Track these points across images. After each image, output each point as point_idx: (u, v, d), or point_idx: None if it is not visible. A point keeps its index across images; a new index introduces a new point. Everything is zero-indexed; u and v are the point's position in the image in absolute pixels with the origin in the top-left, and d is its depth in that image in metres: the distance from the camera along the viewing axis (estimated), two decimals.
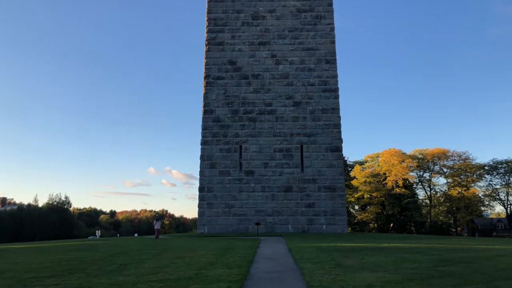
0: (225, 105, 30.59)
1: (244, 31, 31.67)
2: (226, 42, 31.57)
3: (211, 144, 29.97)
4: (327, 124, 30.17)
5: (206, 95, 30.88)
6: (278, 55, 31.34)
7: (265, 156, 29.69)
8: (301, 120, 30.23)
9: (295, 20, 31.96)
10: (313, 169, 29.49)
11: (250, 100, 30.58)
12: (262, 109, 30.41)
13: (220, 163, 29.63)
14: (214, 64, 31.36)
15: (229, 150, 29.84)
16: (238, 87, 30.88)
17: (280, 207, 28.82)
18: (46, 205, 75.18)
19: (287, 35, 31.67)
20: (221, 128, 30.20)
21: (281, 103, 30.52)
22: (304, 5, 32.27)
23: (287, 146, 29.87)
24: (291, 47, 31.50)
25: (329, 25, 32.13)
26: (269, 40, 31.55)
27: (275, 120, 30.20)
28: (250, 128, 30.11)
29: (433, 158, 63.21)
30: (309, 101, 30.61)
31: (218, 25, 31.98)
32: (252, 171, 29.48)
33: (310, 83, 30.88)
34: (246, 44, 31.46)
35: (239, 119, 30.27)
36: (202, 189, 29.33)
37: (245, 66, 31.20)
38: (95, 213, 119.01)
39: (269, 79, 30.94)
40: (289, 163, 29.54)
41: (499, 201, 63.63)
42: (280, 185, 29.21)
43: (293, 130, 30.02)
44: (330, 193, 29.13)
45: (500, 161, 61.88)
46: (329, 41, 31.77)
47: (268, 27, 31.74)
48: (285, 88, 30.79)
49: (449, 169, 62.43)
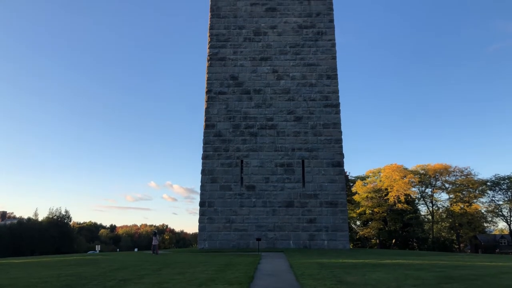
0: (226, 119, 30.67)
1: (246, 46, 31.95)
2: (228, 58, 31.83)
3: (212, 158, 29.95)
4: (328, 139, 30.18)
5: (208, 109, 30.99)
6: (279, 71, 31.54)
7: (266, 171, 29.63)
8: (302, 135, 30.26)
9: (297, 36, 32.26)
10: (314, 184, 29.39)
11: (251, 115, 30.67)
12: (264, 124, 30.47)
13: (221, 177, 29.57)
14: (216, 79, 31.55)
15: (230, 164, 29.80)
16: (240, 102, 31.01)
17: (281, 222, 28.63)
18: (46, 219, 74.90)
19: (288, 51, 31.93)
20: (222, 143, 30.23)
21: (283, 118, 30.59)
22: (306, 22, 32.62)
23: (289, 161, 29.82)
24: (292, 62, 31.72)
25: (330, 41, 32.40)
26: (270, 56, 31.80)
27: (276, 135, 30.22)
28: (251, 142, 30.13)
29: (435, 173, 62.99)
30: (311, 116, 30.66)
31: (220, 40, 32.28)
32: (253, 186, 29.39)
33: (311, 98, 30.99)
34: (248, 60, 31.71)
35: (241, 133, 30.32)
36: (203, 204, 29.21)
37: (247, 81, 31.38)
38: (95, 227, 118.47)
39: (271, 94, 31.08)
40: (290, 178, 29.46)
41: (502, 217, 63.17)
42: (281, 200, 29.08)
43: (295, 145, 30.02)
44: (332, 208, 28.97)
45: (503, 177, 61.63)
46: (330, 56, 31.99)
47: (269, 43, 32.02)
48: (286, 103, 30.89)
49: (451, 185, 62.16)
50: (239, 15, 32.70)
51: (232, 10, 32.88)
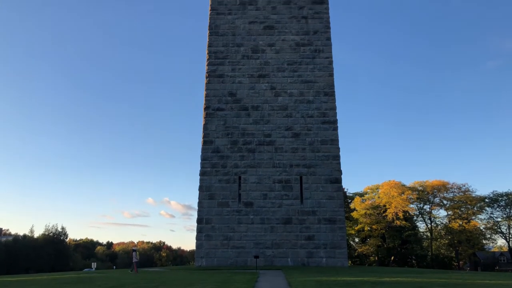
0: (224, 136, 30.72)
1: (244, 64, 32.23)
2: (226, 75, 32.07)
3: (210, 175, 29.88)
4: (326, 155, 30.20)
5: (206, 126, 31.06)
6: (277, 87, 31.74)
7: (264, 187, 29.54)
8: (300, 151, 30.29)
9: (294, 53, 32.58)
10: (312, 201, 29.28)
11: (249, 131, 30.74)
12: (262, 140, 30.52)
13: (219, 194, 29.45)
14: (214, 95, 31.71)
15: (228, 181, 29.73)
16: (238, 118, 31.12)
17: (279, 239, 28.41)
18: (42, 236, 74.07)
19: (286, 68, 32.20)
20: (220, 159, 30.20)
21: (280, 134, 30.66)
22: (303, 40, 33.00)
23: (287, 178, 29.77)
24: (290, 79, 31.95)
25: (327, 58, 32.73)
26: (268, 73, 32.04)
27: (274, 151, 30.25)
28: (249, 159, 30.11)
29: (433, 190, 62.87)
30: (308, 132, 30.75)
31: (218, 58, 32.58)
32: (251, 202, 29.25)
33: (309, 115, 31.13)
34: (246, 77, 31.94)
35: (239, 150, 30.33)
36: (201, 221, 29.00)
37: (245, 98, 31.55)
38: (91, 244, 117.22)
39: (269, 111, 31.22)
40: (288, 194, 29.36)
41: (501, 234, 62.83)
42: (279, 217, 28.92)
43: (293, 161, 30.02)
44: (330, 225, 28.80)
45: (500, 194, 61.56)
46: (327, 74, 32.28)
47: (267, 60, 32.32)
48: (284, 120, 31.01)
49: (449, 201, 61.99)
50: (238, 33, 33.09)
51: (231, 28, 33.28)
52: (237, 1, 33.80)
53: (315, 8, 33.75)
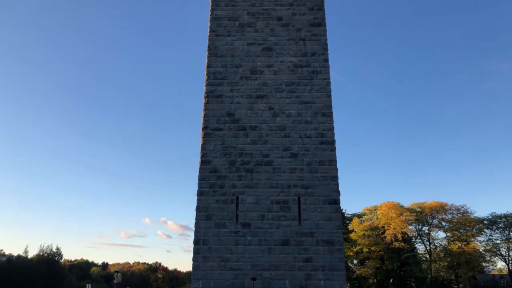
0: (222, 156, 30.70)
1: (242, 84, 32.48)
2: (225, 95, 32.28)
3: (208, 195, 29.72)
4: (324, 176, 30.15)
5: (204, 146, 31.07)
6: (275, 108, 31.91)
7: (262, 208, 29.36)
8: (298, 171, 30.23)
9: (292, 74, 32.89)
10: (310, 222, 29.07)
11: (247, 151, 30.74)
12: (259, 160, 30.49)
13: (216, 214, 29.23)
14: (212, 115, 31.83)
15: (225, 201, 29.55)
16: (236, 138, 31.16)
17: (277, 261, 28.05)
18: (36, 257, 73.12)
19: (284, 89, 32.45)
20: (218, 179, 30.10)
21: (278, 155, 30.66)
22: (301, 61, 33.37)
23: (284, 198, 29.63)
24: (288, 100, 32.16)
25: (325, 79, 33.03)
26: (266, 94, 32.26)
27: (272, 172, 30.18)
28: (247, 179, 30.02)
29: (431, 211, 62.66)
30: (306, 153, 30.77)
31: (217, 78, 32.87)
32: (248, 223, 29.02)
33: (307, 135, 31.21)
34: (244, 97, 32.13)
35: (236, 170, 30.26)
36: (197, 242, 28.68)
37: (243, 118, 31.66)
38: (86, 265, 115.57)
39: (267, 131, 31.29)
40: (286, 215, 29.16)
41: (500, 256, 62.31)
42: (277, 238, 28.63)
43: (290, 182, 29.93)
44: (328, 247, 28.51)
45: (499, 215, 61.43)
46: (325, 95, 32.51)
47: (266, 81, 32.59)
48: (282, 140, 31.07)
49: (448, 223, 61.72)
50: (236, 54, 33.46)
51: (229, 49, 33.67)
52: (236, 24, 34.32)
53: (312, 30, 34.24)
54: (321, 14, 34.57)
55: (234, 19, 34.36)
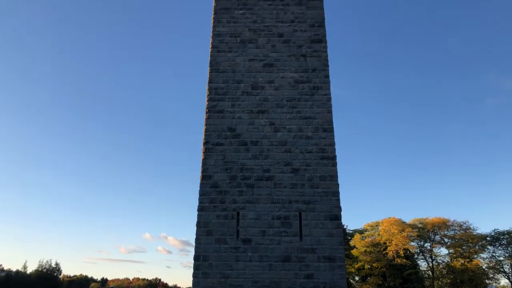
0: (223, 171, 30.65)
1: (244, 100, 32.65)
2: (226, 110, 32.41)
3: (208, 210, 29.58)
4: (325, 191, 30.04)
5: (205, 161, 31.05)
6: (276, 123, 32.00)
7: (263, 224, 29.18)
8: (299, 187, 30.13)
9: (293, 90, 33.07)
10: (311, 238, 28.86)
11: (248, 166, 30.70)
12: (260, 176, 30.43)
13: (216, 230, 29.04)
14: (214, 130, 31.90)
15: (226, 217, 29.39)
16: (237, 153, 31.16)
17: (278, 278, 27.75)
18: (35, 272, 72.61)
19: (285, 104, 32.59)
20: (218, 194, 30.00)
21: (279, 170, 30.61)
22: (302, 77, 33.61)
23: (286, 214, 29.47)
24: (289, 115, 32.26)
25: (325, 95, 33.20)
26: (267, 109, 32.40)
27: (273, 187, 30.10)
28: (248, 194, 29.92)
29: (433, 227, 62.27)
30: (307, 168, 30.72)
31: (219, 94, 33.06)
32: (249, 239, 28.80)
33: (308, 151, 31.21)
34: (245, 112, 32.26)
35: (237, 185, 30.18)
36: (198, 258, 28.43)
37: (244, 133, 31.73)
38: (85, 281, 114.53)
39: (268, 146, 31.31)
40: (287, 231, 28.96)
41: (504, 274, 61.58)
42: (278, 254, 28.38)
43: (292, 197, 29.81)
44: (330, 263, 28.23)
45: (502, 232, 60.96)
46: (326, 110, 32.62)
47: (267, 97, 32.76)
48: (283, 155, 31.06)
49: (450, 239, 61.23)
50: (238, 70, 33.71)
51: (231, 65, 33.94)
52: (238, 40, 34.67)
53: (313, 46, 34.54)
54: (321, 31, 34.94)
55: (236, 35, 34.75)
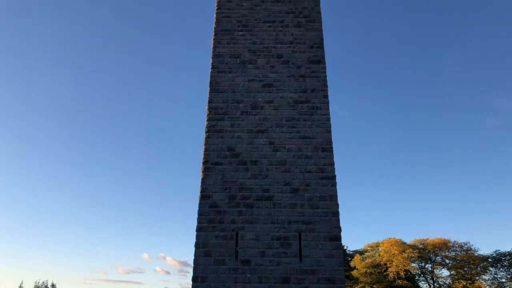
0: (222, 190, 30.51)
1: (243, 119, 32.77)
2: (225, 130, 32.48)
3: (207, 230, 29.29)
4: (325, 212, 29.85)
5: (204, 180, 30.94)
6: (275, 143, 32.03)
7: (262, 244, 28.86)
8: (299, 207, 29.95)
9: (292, 110, 33.23)
10: (311, 259, 28.50)
11: (247, 186, 30.58)
12: (260, 195, 30.27)
13: (215, 251, 28.69)
14: (213, 150, 31.90)
15: (225, 237, 29.09)
16: (236, 172, 31.09)
17: None
18: None
19: (284, 124, 32.69)
20: (217, 214, 29.77)
21: (279, 189, 30.48)
22: (301, 97, 33.83)
23: (285, 234, 29.18)
24: (288, 135, 32.33)
25: (325, 115, 33.32)
26: (267, 128, 32.48)
27: (272, 207, 29.90)
28: (247, 214, 29.70)
29: (434, 248, 61.65)
30: (307, 188, 30.60)
31: (218, 113, 33.19)
32: (248, 260, 28.43)
33: (307, 170, 31.15)
34: (245, 132, 32.33)
35: (236, 205, 29.99)
36: (196, 279, 28.00)
37: (244, 152, 31.73)
38: None
39: (267, 165, 31.26)
40: (287, 252, 28.63)
41: None
42: (277, 276, 27.98)
43: (291, 218, 29.58)
44: (330, 285, 27.81)
45: (503, 253, 60.33)
46: (325, 130, 32.70)
47: (266, 116, 32.89)
48: (282, 175, 30.97)
49: (452, 261, 60.53)
50: (237, 90, 33.96)
51: (231, 85, 34.20)
52: (237, 61, 35.05)
53: (312, 67, 34.91)
54: (320, 52, 35.37)
55: (236, 56, 35.13)
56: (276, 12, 36.36)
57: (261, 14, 36.21)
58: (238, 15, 36.16)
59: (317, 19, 36.13)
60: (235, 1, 36.77)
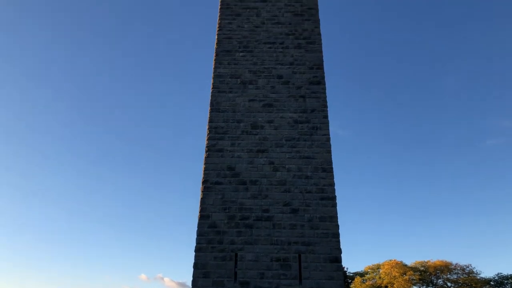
0: (221, 210, 30.28)
1: (243, 139, 32.80)
2: (225, 149, 32.48)
3: (206, 251, 28.93)
4: (325, 233, 29.56)
5: (203, 200, 30.75)
6: (275, 162, 31.98)
7: (261, 266, 28.47)
8: (299, 228, 29.68)
9: (292, 130, 33.31)
10: (311, 281, 28.07)
11: (247, 206, 30.38)
12: (259, 215, 30.04)
13: (214, 272, 28.28)
14: (213, 169, 31.82)
15: (224, 258, 28.72)
16: (236, 192, 30.93)
17: None
18: None
19: (284, 144, 32.71)
20: (216, 235, 29.47)
21: (279, 210, 30.27)
22: (301, 117, 33.96)
23: (285, 256, 28.82)
24: (288, 155, 32.31)
25: (324, 135, 33.37)
26: (267, 148, 32.48)
27: (272, 228, 29.63)
28: (246, 235, 29.39)
29: (435, 271, 60.91)
30: (307, 208, 30.40)
31: (218, 133, 33.26)
32: (247, 282, 28.00)
33: (307, 190, 31.00)
34: (245, 151, 32.32)
35: (236, 225, 29.72)
36: None
37: (244, 172, 31.65)
38: None
39: (267, 185, 31.13)
40: (286, 274, 28.21)
41: None
42: None
43: (291, 239, 29.27)
44: None
45: (506, 276, 59.61)
46: (325, 150, 32.70)
47: (266, 136, 32.94)
48: (282, 195, 30.82)
49: (454, 283, 59.70)
50: (238, 110, 34.12)
51: (231, 105, 34.38)
52: (238, 81, 35.35)
53: (312, 88, 35.17)
54: (320, 73, 35.71)
55: (236, 76, 35.46)
56: (276, 33, 36.87)
57: (261, 35, 36.72)
58: (239, 36, 36.66)
59: (317, 40, 36.61)
60: (236, 22, 37.38)
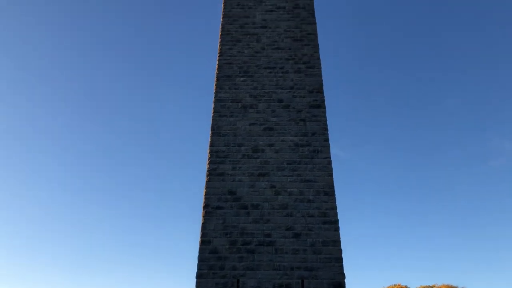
0: (223, 235, 29.93)
1: (244, 163, 32.76)
2: (226, 173, 32.39)
3: (207, 277, 28.44)
4: (328, 257, 29.11)
5: (204, 225, 30.44)
6: (277, 186, 31.82)
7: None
8: (301, 253, 29.25)
9: (293, 153, 33.30)
10: None
11: (249, 231, 30.04)
12: (261, 240, 29.67)
13: None
14: (214, 194, 31.64)
15: (225, 284, 28.21)
16: (237, 217, 30.66)
17: None
18: None
19: (285, 167, 32.64)
20: (218, 260, 29.02)
21: (281, 234, 29.91)
22: (302, 140, 34.01)
23: (287, 281, 28.30)
24: (290, 178, 32.19)
25: (326, 158, 33.34)
26: (268, 172, 32.40)
27: (274, 253, 29.21)
28: (248, 260, 28.95)
29: None
30: (309, 232, 30.04)
31: (219, 157, 33.24)
32: None
33: (309, 214, 30.73)
34: (246, 175, 32.22)
35: (237, 250, 29.31)
36: None
37: (245, 196, 31.46)
38: None
39: (268, 209, 30.88)
40: None
41: None
42: None
43: (293, 264, 28.81)
44: None
45: None
46: (326, 173, 32.59)
47: (267, 160, 32.91)
48: (284, 219, 30.52)
49: None
50: (239, 134, 34.22)
51: (232, 129, 34.51)
52: (239, 105, 35.61)
53: (312, 111, 35.36)
54: (320, 96, 35.99)
55: (237, 101, 35.74)
56: (276, 58, 37.39)
57: (261, 60, 37.23)
58: (240, 61, 37.18)
59: (316, 65, 37.08)
60: (237, 48, 37.96)
